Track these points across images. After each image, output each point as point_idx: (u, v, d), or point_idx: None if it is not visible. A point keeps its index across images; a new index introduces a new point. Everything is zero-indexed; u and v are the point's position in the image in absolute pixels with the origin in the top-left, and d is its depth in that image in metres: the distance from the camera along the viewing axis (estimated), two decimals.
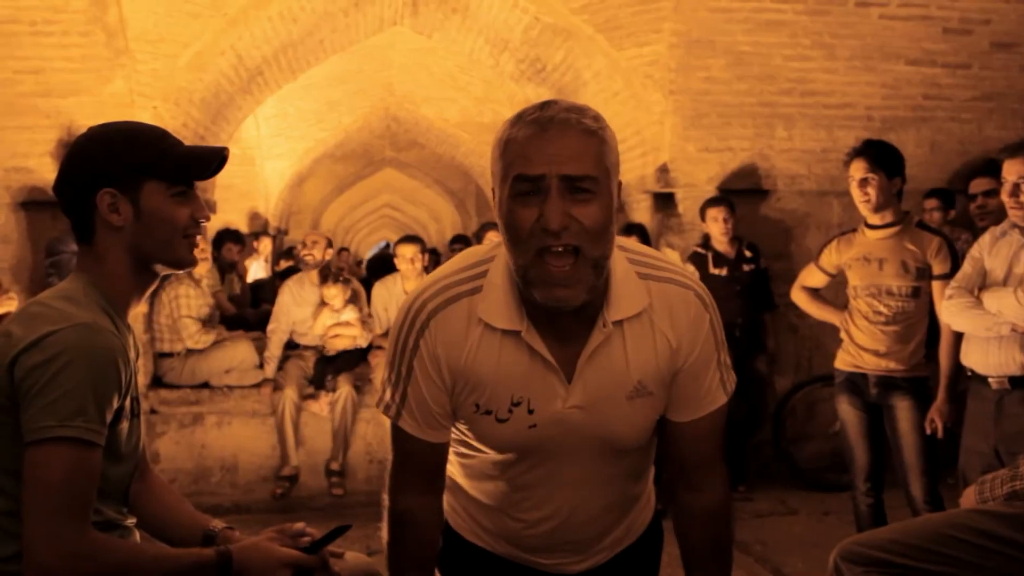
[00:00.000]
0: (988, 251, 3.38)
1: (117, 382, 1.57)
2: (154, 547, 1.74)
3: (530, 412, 1.55)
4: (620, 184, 1.53)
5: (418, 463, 1.65)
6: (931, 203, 5.52)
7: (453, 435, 1.70)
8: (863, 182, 3.72)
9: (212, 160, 1.74)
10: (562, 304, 1.44)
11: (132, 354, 1.72)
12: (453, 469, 1.79)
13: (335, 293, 5.74)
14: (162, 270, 1.76)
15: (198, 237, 1.77)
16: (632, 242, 1.67)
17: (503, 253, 1.53)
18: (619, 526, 1.78)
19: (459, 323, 1.54)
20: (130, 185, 1.66)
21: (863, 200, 3.75)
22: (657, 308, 1.57)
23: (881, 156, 3.74)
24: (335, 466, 5.53)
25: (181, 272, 5.45)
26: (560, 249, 1.40)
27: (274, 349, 5.74)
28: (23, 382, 1.50)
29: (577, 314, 1.50)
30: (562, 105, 1.45)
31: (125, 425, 1.66)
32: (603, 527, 1.75)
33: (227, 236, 7.56)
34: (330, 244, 6.11)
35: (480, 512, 1.77)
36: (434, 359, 1.55)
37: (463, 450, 1.71)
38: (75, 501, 1.50)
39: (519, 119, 1.45)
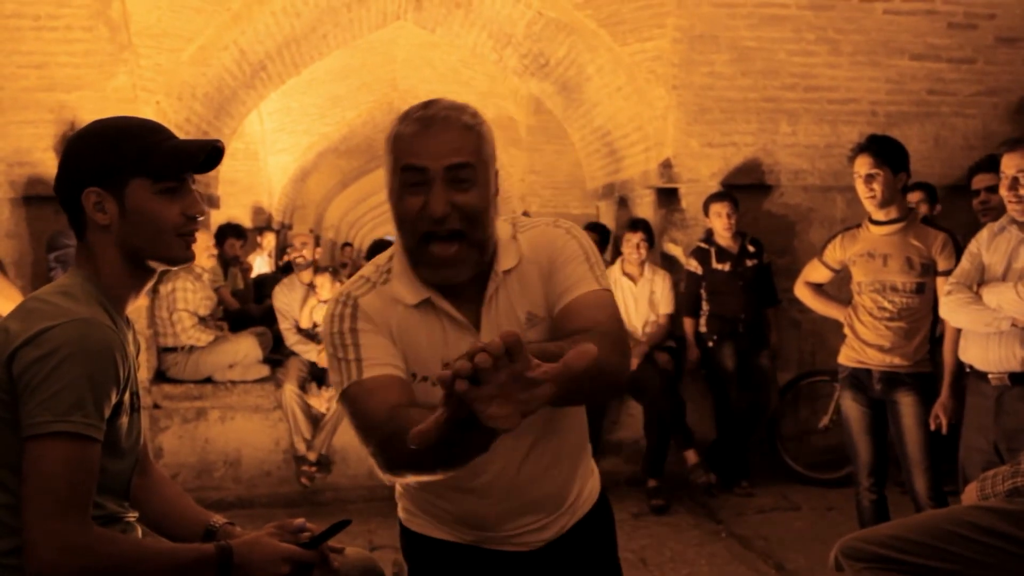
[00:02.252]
0: (986, 247, 3.38)
1: (115, 377, 1.57)
2: (155, 542, 1.74)
3: None
4: (497, 172, 1.70)
5: (393, 394, 1.56)
6: (916, 196, 5.28)
7: None
8: (869, 178, 3.71)
9: (198, 154, 1.70)
10: (447, 282, 1.63)
11: (132, 349, 1.72)
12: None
13: (322, 282, 5.83)
14: (157, 266, 1.74)
15: (198, 233, 1.76)
16: (516, 216, 1.83)
17: (398, 244, 1.72)
18: (570, 485, 1.83)
19: (382, 303, 1.69)
20: (115, 183, 1.65)
21: (868, 196, 3.74)
22: (526, 251, 1.73)
23: (886, 151, 3.73)
24: (312, 456, 5.52)
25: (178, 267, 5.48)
26: (444, 235, 1.58)
27: (292, 338, 5.81)
28: (21, 377, 1.51)
29: (471, 285, 1.67)
30: (443, 104, 1.63)
31: (125, 420, 1.66)
32: (554, 485, 1.79)
33: (229, 231, 7.56)
34: (317, 241, 6.17)
35: (436, 499, 1.80)
36: (373, 323, 1.67)
37: None
38: (74, 496, 1.50)
39: (406, 117, 1.63)
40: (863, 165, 3.73)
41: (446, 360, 1.63)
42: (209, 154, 1.72)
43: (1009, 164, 3.19)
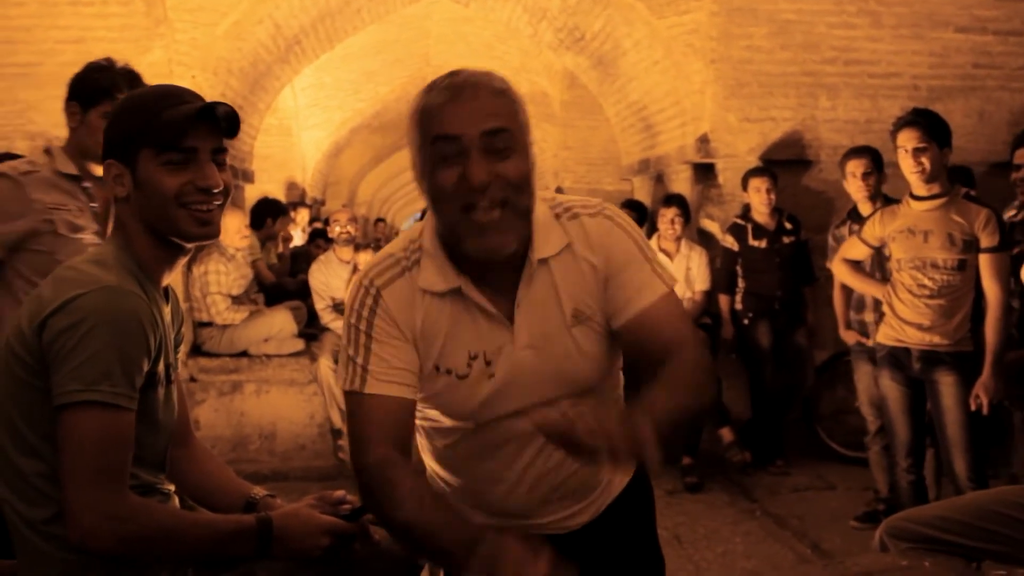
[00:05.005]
0: None
1: (145, 346, 1.57)
2: (194, 513, 1.75)
3: (487, 364, 1.60)
4: (532, 143, 1.59)
5: (389, 426, 1.58)
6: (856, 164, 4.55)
7: (422, 424, 1.74)
8: (917, 151, 3.62)
9: (188, 120, 1.62)
10: (494, 252, 1.51)
11: (168, 320, 1.72)
12: (431, 463, 1.82)
13: (365, 259, 5.81)
14: (179, 242, 1.70)
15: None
16: (548, 192, 1.75)
17: (429, 222, 1.62)
18: (603, 470, 1.76)
19: (407, 293, 1.61)
20: (128, 154, 1.64)
21: (916, 170, 3.65)
22: (576, 241, 1.64)
23: (934, 126, 3.65)
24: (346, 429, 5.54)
25: (210, 245, 5.53)
26: (487, 204, 1.47)
27: (328, 317, 5.83)
28: (51, 346, 1.51)
29: (507, 264, 1.58)
30: (470, 71, 1.54)
31: (160, 391, 1.66)
32: (588, 472, 1.73)
33: (276, 208, 7.63)
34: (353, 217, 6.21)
35: (469, 495, 1.77)
36: (392, 322, 1.60)
37: (435, 434, 1.74)
38: (110, 465, 1.51)
39: (432, 88, 1.53)
40: (911, 139, 3.64)
41: (474, 352, 1.60)
42: (226, 119, 1.66)
43: None
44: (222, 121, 1.66)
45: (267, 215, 7.48)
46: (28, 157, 2.76)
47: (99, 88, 2.72)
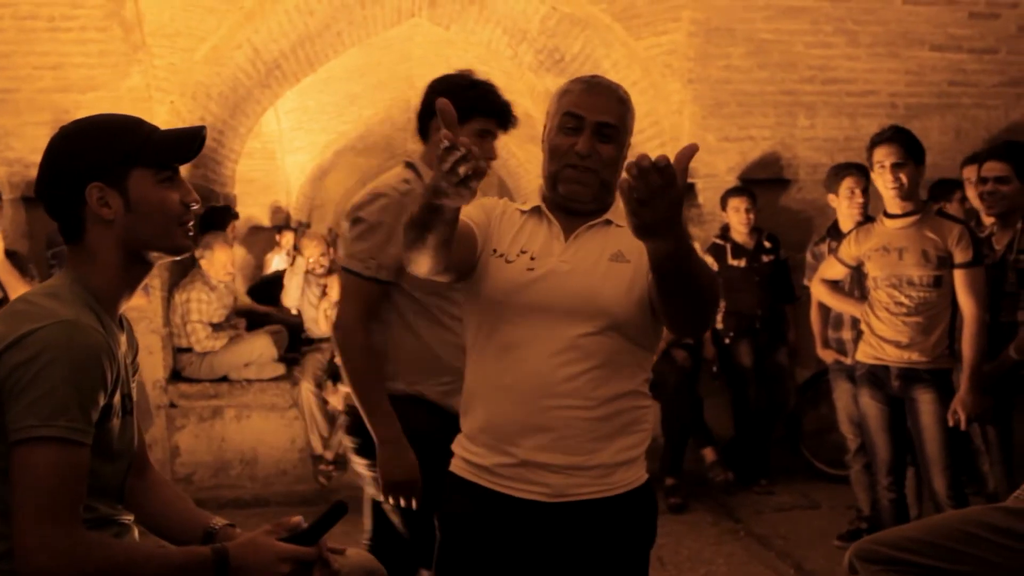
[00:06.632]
0: None
1: (102, 380, 1.55)
2: (148, 546, 1.72)
3: (532, 259, 1.99)
4: (628, 147, 2.04)
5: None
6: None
7: (470, 318, 2.05)
8: (896, 167, 3.64)
9: (193, 140, 1.71)
10: (576, 195, 1.98)
11: (124, 350, 1.70)
12: (467, 378, 2.05)
13: (334, 283, 5.87)
14: (158, 259, 1.73)
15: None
16: None
17: (539, 192, 2.11)
18: (597, 438, 1.90)
19: (502, 207, 2.11)
20: (117, 176, 1.64)
21: (893, 186, 3.66)
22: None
23: (911, 143, 3.68)
24: (329, 455, 5.52)
25: (194, 273, 5.52)
26: (582, 166, 1.95)
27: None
28: (6, 381, 1.49)
29: (580, 220, 2.01)
30: (605, 78, 2.05)
31: (116, 423, 1.64)
32: (580, 417, 1.89)
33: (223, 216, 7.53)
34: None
35: (476, 400, 1.99)
36: (484, 205, 2.08)
37: (475, 319, 2.03)
38: (63, 501, 1.48)
39: (576, 80, 2.04)
40: (890, 155, 3.65)
41: (525, 248, 2.00)
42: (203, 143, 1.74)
43: None
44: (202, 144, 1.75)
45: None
46: (399, 173, 2.71)
47: (469, 105, 2.64)
